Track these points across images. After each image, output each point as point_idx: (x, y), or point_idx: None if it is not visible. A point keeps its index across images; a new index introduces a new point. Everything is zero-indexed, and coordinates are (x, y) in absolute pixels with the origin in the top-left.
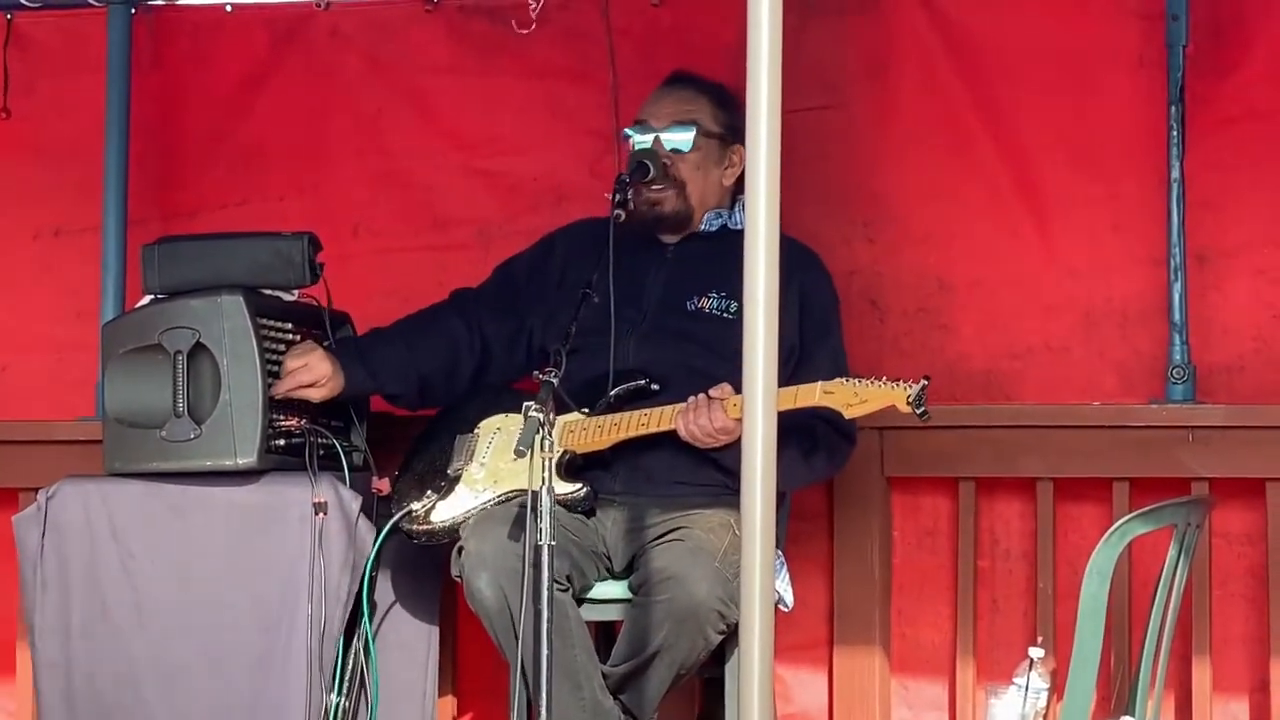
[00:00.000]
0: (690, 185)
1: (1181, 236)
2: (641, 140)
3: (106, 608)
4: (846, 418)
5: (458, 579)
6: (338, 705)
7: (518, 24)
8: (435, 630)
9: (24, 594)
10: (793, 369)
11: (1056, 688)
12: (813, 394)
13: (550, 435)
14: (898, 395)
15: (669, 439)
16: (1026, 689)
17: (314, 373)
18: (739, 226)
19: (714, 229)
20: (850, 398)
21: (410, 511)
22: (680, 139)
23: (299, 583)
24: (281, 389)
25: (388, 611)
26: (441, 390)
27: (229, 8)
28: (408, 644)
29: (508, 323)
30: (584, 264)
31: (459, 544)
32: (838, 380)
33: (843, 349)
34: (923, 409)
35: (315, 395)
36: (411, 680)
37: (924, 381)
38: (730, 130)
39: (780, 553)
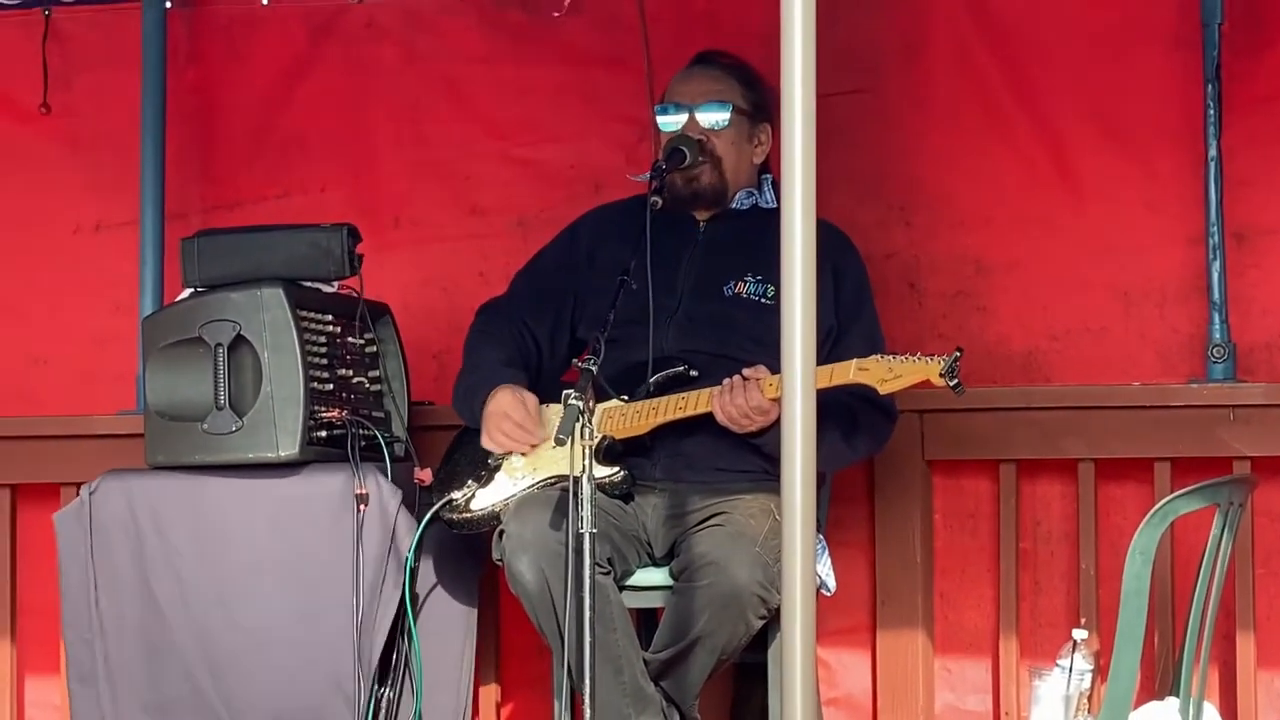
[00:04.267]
0: (726, 161)
1: (1220, 215)
2: (674, 121)
3: (156, 601)
4: (881, 393)
5: (499, 563)
6: (383, 695)
7: (551, 11)
8: (473, 620)
9: (67, 591)
10: (829, 350)
11: (1100, 668)
12: (847, 371)
13: (590, 423)
14: (931, 369)
15: (708, 425)
16: (1070, 670)
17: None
18: (769, 205)
19: (745, 207)
20: (884, 373)
21: (451, 500)
22: (716, 117)
23: (342, 574)
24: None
25: (425, 600)
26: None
27: (265, 2)
28: (444, 634)
29: (545, 320)
30: (613, 247)
31: (500, 528)
32: (872, 357)
33: (879, 328)
34: (956, 381)
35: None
36: (448, 669)
37: (956, 353)
38: (758, 109)
39: (822, 537)
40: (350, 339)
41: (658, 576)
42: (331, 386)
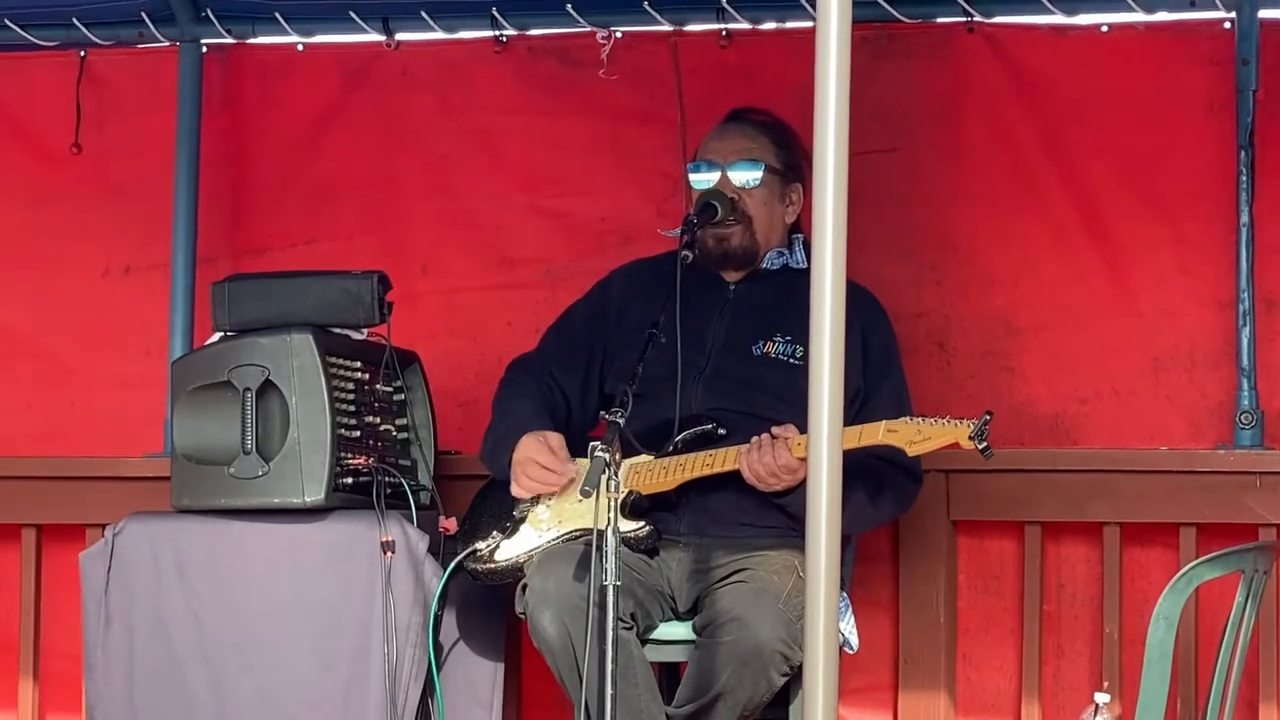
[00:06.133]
0: (757, 221)
1: (1250, 281)
2: (706, 179)
3: (171, 644)
4: (909, 455)
5: (522, 616)
6: None
7: (587, 65)
8: (500, 670)
9: (86, 629)
10: (856, 411)
11: None
12: (876, 432)
13: (616, 475)
14: (960, 432)
15: (734, 481)
16: None
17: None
18: (800, 265)
19: (776, 267)
20: (913, 435)
21: (475, 550)
22: (748, 175)
23: (367, 621)
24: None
25: (452, 650)
26: None
27: (300, 47)
28: (473, 684)
29: (575, 374)
30: (643, 303)
31: (523, 581)
32: (901, 419)
33: (905, 389)
34: (985, 445)
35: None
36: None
37: (986, 416)
38: (790, 168)
39: (845, 595)
40: (378, 386)
41: (681, 630)
42: (359, 433)
